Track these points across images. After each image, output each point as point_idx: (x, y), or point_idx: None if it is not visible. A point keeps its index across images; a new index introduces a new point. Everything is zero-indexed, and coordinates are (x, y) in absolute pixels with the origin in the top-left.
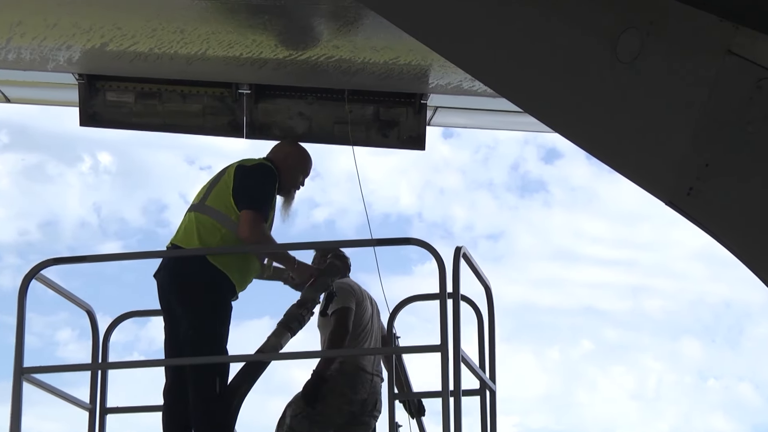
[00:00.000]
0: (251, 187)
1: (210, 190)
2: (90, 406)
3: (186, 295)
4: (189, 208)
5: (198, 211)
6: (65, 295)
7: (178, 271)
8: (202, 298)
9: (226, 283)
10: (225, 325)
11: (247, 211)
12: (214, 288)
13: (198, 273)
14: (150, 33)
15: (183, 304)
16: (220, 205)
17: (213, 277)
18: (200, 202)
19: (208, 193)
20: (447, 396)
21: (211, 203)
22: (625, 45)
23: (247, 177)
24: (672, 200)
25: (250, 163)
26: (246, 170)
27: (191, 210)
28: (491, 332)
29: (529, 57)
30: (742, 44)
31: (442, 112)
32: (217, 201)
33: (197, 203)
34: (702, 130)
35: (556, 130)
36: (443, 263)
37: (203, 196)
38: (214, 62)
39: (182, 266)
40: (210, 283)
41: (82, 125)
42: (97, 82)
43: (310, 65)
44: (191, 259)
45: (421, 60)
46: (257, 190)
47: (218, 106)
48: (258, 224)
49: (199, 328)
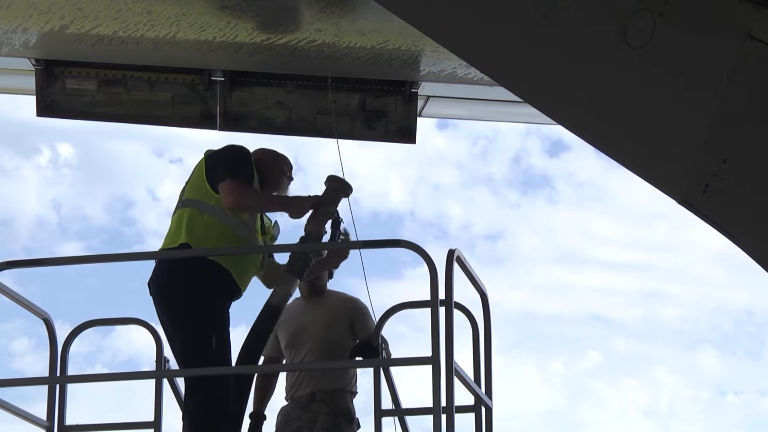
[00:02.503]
0: (222, 160)
1: (186, 185)
2: (47, 424)
3: (173, 301)
4: (173, 213)
5: (179, 207)
6: (20, 302)
7: (164, 277)
8: (193, 303)
9: (222, 279)
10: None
11: (225, 182)
12: (208, 286)
13: (184, 272)
14: (114, 14)
15: (172, 314)
16: (197, 195)
17: (205, 273)
18: (180, 200)
19: (185, 189)
20: (439, 413)
21: (189, 195)
22: (636, 28)
23: (216, 156)
24: (686, 199)
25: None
26: (214, 152)
27: (174, 211)
28: (487, 343)
29: (529, 41)
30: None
31: (435, 101)
32: (194, 191)
33: (178, 203)
34: (719, 123)
35: (559, 121)
36: (435, 267)
37: (182, 191)
38: (184, 46)
39: (167, 268)
40: (202, 282)
41: (39, 115)
42: (55, 68)
43: (290, 50)
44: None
45: (412, 45)
46: (228, 160)
47: (189, 95)
48: (242, 188)
49: (195, 341)
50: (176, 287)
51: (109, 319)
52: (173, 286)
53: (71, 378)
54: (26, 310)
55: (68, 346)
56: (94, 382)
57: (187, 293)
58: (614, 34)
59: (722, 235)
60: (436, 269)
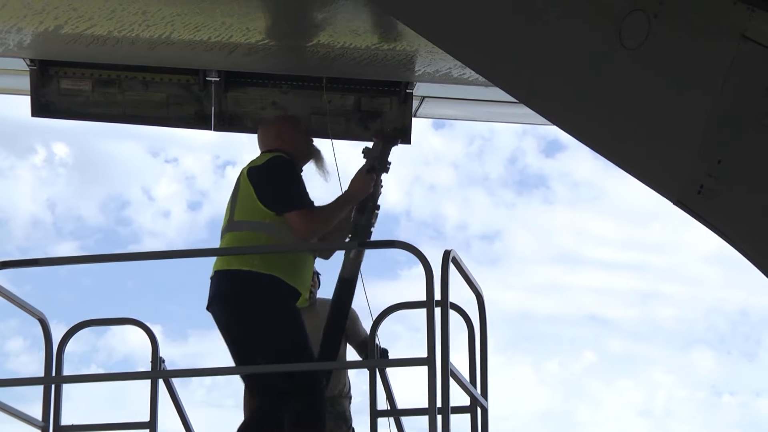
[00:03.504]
0: (277, 185)
1: (233, 205)
2: (42, 424)
3: (250, 318)
4: (221, 234)
5: (231, 230)
6: (15, 302)
7: (231, 298)
8: (270, 317)
9: (285, 289)
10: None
11: (293, 213)
12: (276, 299)
13: (255, 290)
14: (109, 14)
15: (251, 329)
16: (249, 215)
17: (268, 287)
18: (229, 222)
19: (233, 209)
20: (434, 413)
21: (240, 217)
22: (631, 29)
23: (265, 175)
24: (681, 199)
25: (258, 162)
26: (259, 170)
27: (224, 234)
28: (483, 343)
29: (524, 42)
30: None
31: (430, 102)
32: (245, 212)
33: (226, 224)
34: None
35: (554, 122)
36: (431, 268)
37: (230, 214)
38: (179, 47)
39: (234, 289)
40: (269, 295)
41: (34, 116)
42: (50, 68)
43: (285, 50)
44: (242, 279)
45: (407, 45)
46: (284, 184)
47: (184, 95)
48: (313, 217)
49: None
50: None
51: (105, 319)
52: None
53: (68, 378)
54: (21, 310)
55: (64, 346)
56: (90, 382)
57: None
58: (609, 34)
59: (717, 235)
60: (432, 270)
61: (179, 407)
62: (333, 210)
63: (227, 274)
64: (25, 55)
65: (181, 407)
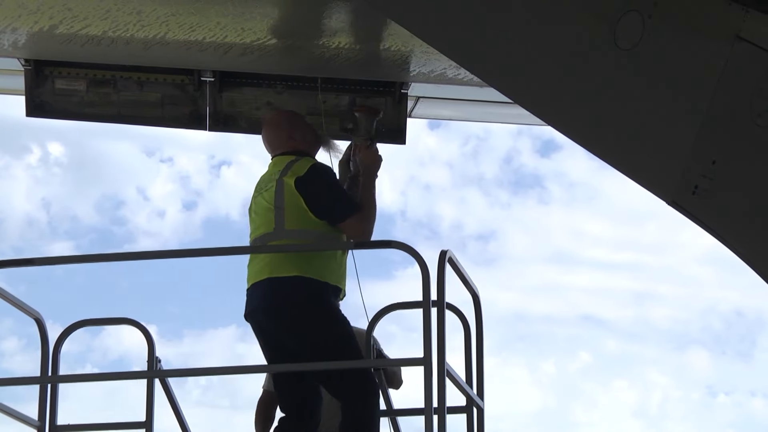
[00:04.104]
0: (327, 196)
1: (279, 214)
2: (38, 424)
3: (302, 325)
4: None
5: (278, 239)
6: (11, 301)
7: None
8: (320, 320)
9: (331, 290)
10: (347, 327)
11: (350, 219)
12: (324, 301)
13: (303, 296)
14: (103, 14)
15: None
16: (303, 225)
17: (318, 291)
18: (276, 230)
19: (280, 218)
20: (431, 414)
21: (292, 226)
22: (626, 29)
23: (312, 187)
24: (675, 200)
25: (299, 170)
26: (305, 181)
27: (268, 242)
28: (479, 344)
29: (520, 43)
30: (752, 29)
31: (425, 102)
32: (296, 222)
33: (270, 232)
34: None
35: (549, 122)
36: (427, 268)
37: (276, 222)
38: (174, 47)
39: (283, 297)
40: (319, 298)
41: (28, 116)
42: (45, 68)
43: (280, 51)
44: (290, 287)
45: (402, 46)
46: (333, 194)
47: (178, 95)
48: (365, 218)
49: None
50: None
51: (101, 319)
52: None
53: (64, 378)
54: (17, 309)
55: (60, 346)
56: (87, 381)
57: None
58: (604, 35)
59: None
60: (428, 270)
61: (175, 407)
62: (370, 195)
63: (276, 282)
64: (20, 55)
65: (177, 407)
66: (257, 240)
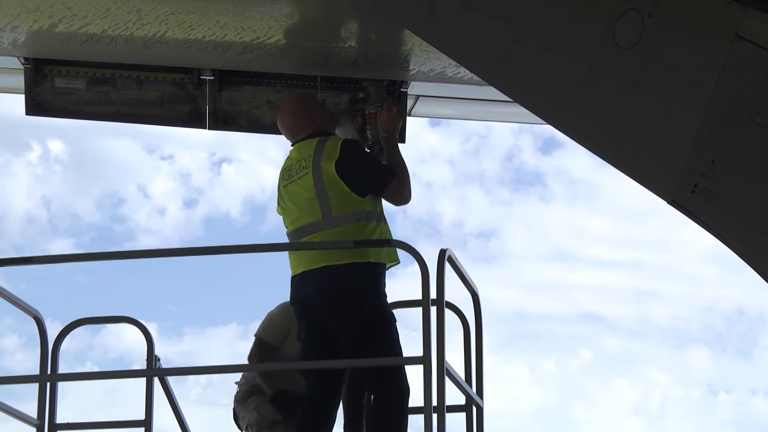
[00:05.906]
0: (367, 168)
1: (324, 202)
2: (38, 422)
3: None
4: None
5: (328, 228)
6: (10, 300)
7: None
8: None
9: (383, 269)
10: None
11: (390, 185)
12: (380, 293)
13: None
14: (103, 13)
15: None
16: (349, 208)
17: (374, 273)
18: (324, 219)
19: (326, 206)
20: (430, 412)
21: (339, 211)
22: (625, 28)
23: (353, 165)
24: (675, 199)
25: (333, 152)
26: (344, 162)
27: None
28: (478, 342)
29: (519, 41)
30: (751, 28)
31: (424, 101)
32: (343, 207)
33: (318, 221)
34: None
35: (548, 121)
36: (426, 267)
37: (322, 211)
38: (173, 45)
39: (339, 285)
40: (375, 287)
41: (28, 114)
42: (44, 66)
43: (279, 49)
44: (347, 274)
45: (401, 44)
46: (367, 167)
47: (178, 94)
48: (400, 182)
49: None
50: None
51: (100, 317)
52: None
53: (63, 376)
54: (17, 308)
55: (59, 344)
56: (86, 380)
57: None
58: (603, 33)
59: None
60: (428, 269)
61: (174, 405)
62: (398, 157)
63: (331, 269)
64: (20, 54)
65: (176, 405)
66: (302, 230)
